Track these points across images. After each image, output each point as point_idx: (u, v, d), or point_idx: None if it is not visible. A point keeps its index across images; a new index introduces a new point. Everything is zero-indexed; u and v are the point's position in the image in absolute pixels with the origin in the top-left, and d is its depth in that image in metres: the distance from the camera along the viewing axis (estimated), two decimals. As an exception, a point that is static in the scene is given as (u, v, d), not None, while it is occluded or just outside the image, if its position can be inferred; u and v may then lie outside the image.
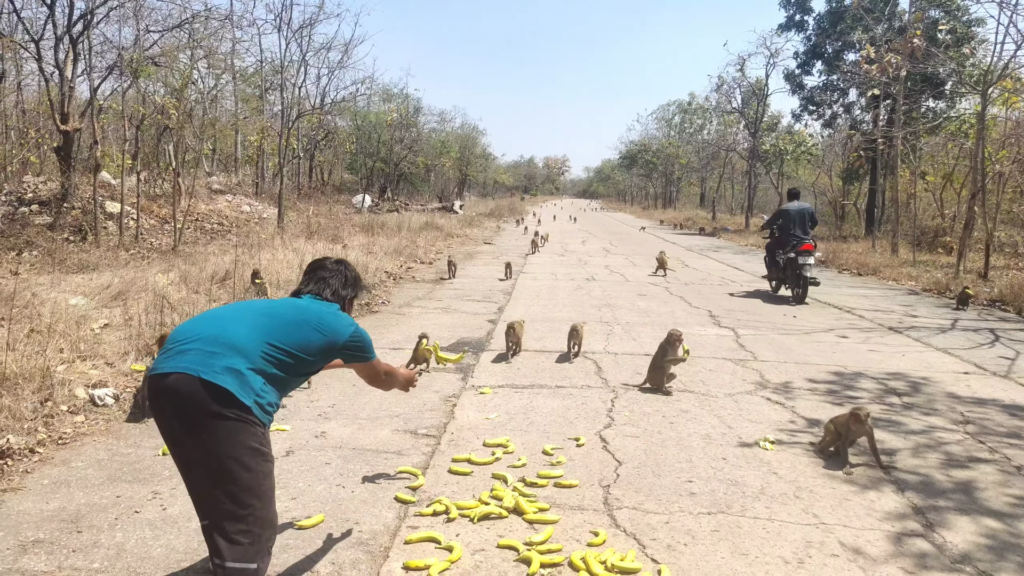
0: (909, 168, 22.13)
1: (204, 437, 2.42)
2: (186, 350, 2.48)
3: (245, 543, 2.39)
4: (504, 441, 4.86)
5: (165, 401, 2.45)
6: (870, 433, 4.60)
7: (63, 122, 16.34)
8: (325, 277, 3.04)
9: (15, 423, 4.77)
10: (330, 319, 2.80)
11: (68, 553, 3.30)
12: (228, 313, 2.70)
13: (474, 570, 3.27)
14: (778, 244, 11.88)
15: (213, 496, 2.44)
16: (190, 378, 2.39)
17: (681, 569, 3.28)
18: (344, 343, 2.79)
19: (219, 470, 2.42)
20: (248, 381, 2.44)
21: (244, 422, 2.41)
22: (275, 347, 2.57)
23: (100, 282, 9.86)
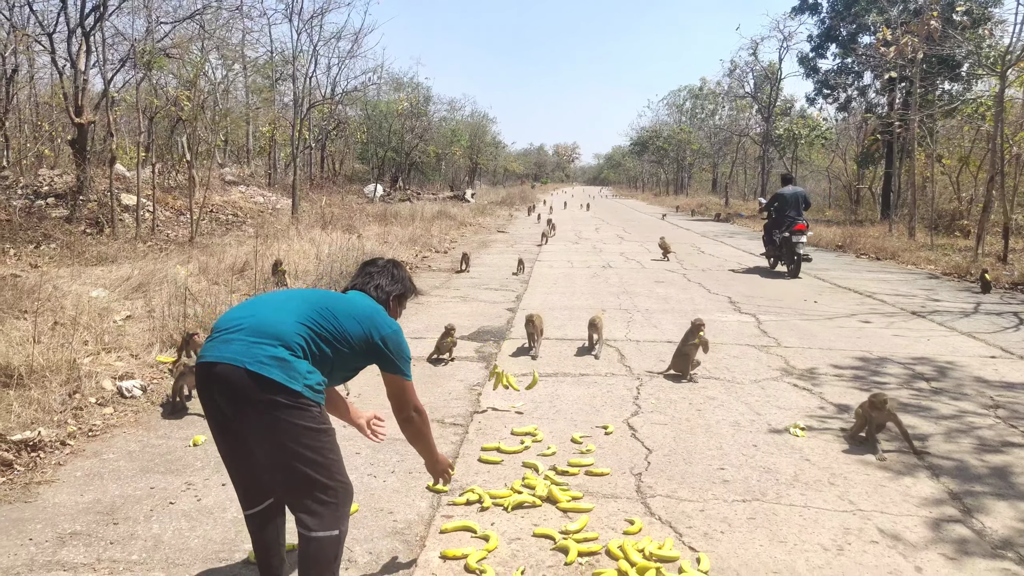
0: (925, 151, 21.90)
1: (261, 426, 2.45)
2: (231, 339, 2.49)
3: (327, 513, 2.48)
4: (532, 429, 4.84)
5: (215, 390, 2.49)
6: (895, 418, 4.56)
7: (77, 115, 16.36)
8: (372, 273, 3.03)
9: (45, 416, 4.80)
10: (370, 312, 2.76)
11: (106, 545, 3.31)
12: (271, 301, 2.70)
13: (511, 559, 3.26)
14: (774, 225, 13.04)
15: (286, 478, 2.51)
16: (236, 369, 2.41)
17: (720, 557, 3.26)
18: (381, 338, 2.71)
19: (285, 455, 2.46)
20: (294, 367, 2.44)
21: (298, 407, 2.42)
22: (316, 334, 2.57)
23: (120, 274, 9.89)
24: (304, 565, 2.51)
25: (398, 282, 3.05)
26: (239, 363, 2.40)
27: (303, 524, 2.48)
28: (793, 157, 32.20)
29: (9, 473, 4.06)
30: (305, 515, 2.47)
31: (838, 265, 14.61)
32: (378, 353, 2.73)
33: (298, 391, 2.42)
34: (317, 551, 2.48)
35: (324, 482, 2.48)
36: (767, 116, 32.91)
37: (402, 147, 39.33)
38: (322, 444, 2.48)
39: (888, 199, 26.32)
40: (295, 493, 2.51)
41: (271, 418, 2.41)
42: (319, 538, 2.47)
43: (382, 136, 39.04)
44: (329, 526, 2.48)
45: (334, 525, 2.49)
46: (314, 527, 2.46)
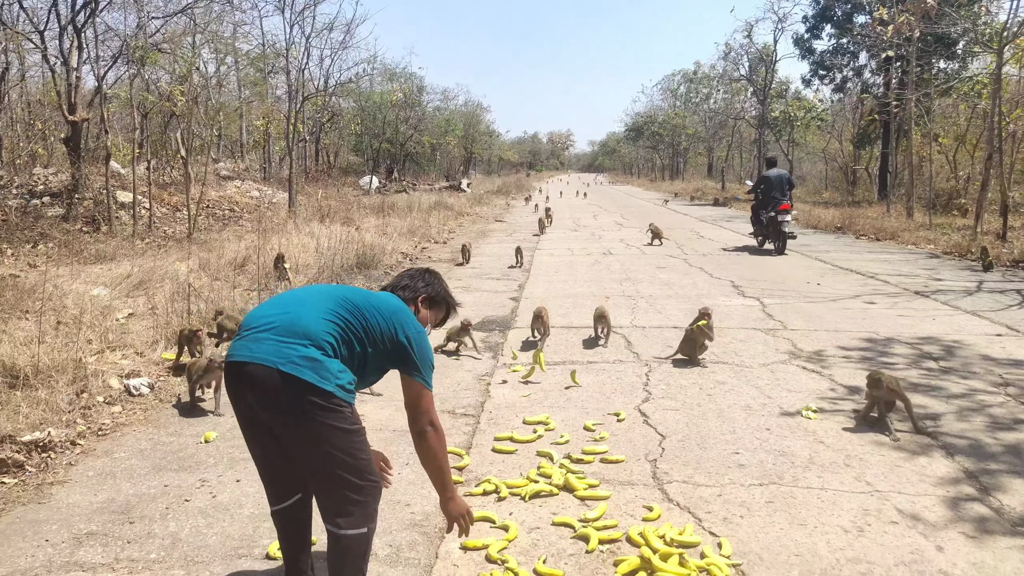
0: (921, 130, 21.86)
1: (294, 427, 2.43)
2: (261, 338, 2.46)
3: (357, 511, 2.47)
4: (544, 418, 4.83)
5: (246, 390, 2.46)
6: (898, 395, 4.55)
7: (70, 112, 16.23)
8: (404, 275, 3.00)
9: (53, 416, 4.77)
10: (395, 309, 2.68)
11: (123, 544, 3.29)
12: (299, 298, 2.65)
13: (532, 548, 3.25)
14: (761, 206, 13.93)
15: (318, 478, 2.51)
16: (268, 369, 2.37)
17: (741, 541, 3.25)
18: (407, 336, 2.62)
19: (317, 456, 2.45)
20: (325, 367, 2.40)
21: (330, 408, 2.39)
22: (345, 331, 2.53)
23: (119, 272, 9.84)
24: (334, 562, 2.50)
25: (429, 285, 2.98)
26: (271, 363, 2.37)
27: (333, 522, 2.46)
28: (789, 139, 32.11)
29: (21, 474, 4.04)
30: (336, 514, 2.46)
31: (838, 246, 14.60)
32: (402, 353, 2.62)
33: (330, 392, 2.38)
34: (347, 548, 2.47)
35: (356, 482, 2.46)
36: (763, 99, 32.79)
37: (397, 138, 39.17)
38: (353, 445, 2.45)
39: (885, 179, 26.28)
40: (326, 492, 2.49)
41: (304, 419, 2.39)
42: (349, 536, 2.46)
43: (376, 127, 38.87)
44: (359, 524, 2.47)
45: (364, 523, 2.48)
46: (345, 525, 2.45)
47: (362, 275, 10.58)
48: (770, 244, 13.84)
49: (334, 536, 2.46)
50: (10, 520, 3.55)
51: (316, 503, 2.60)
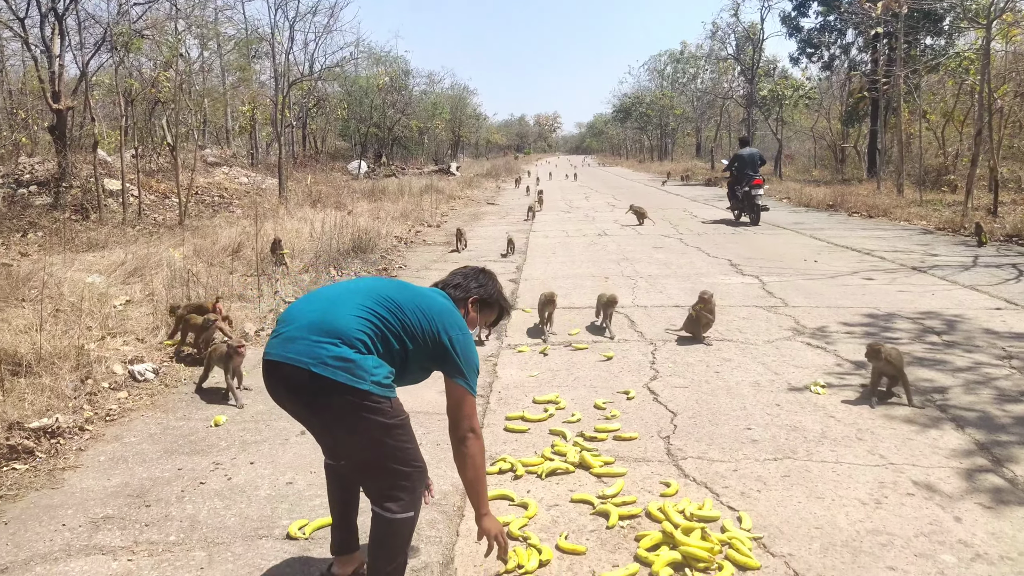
0: (909, 107, 21.90)
1: (333, 426, 2.45)
2: (295, 337, 2.42)
3: (406, 497, 2.46)
4: (554, 397, 4.83)
5: (282, 390, 2.47)
6: (895, 367, 4.57)
7: (55, 100, 16.00)
8: (457, 273, 2.91)
9: (59, 402, 4.73)
10: (439, 308, 2.61)
11: (141, 528, 3.26)
12: (336, 293, 2.60)
13: (552, 525, 3.25)
14: (736, 182, 15.10)
15: (365, 470, 2.53)
16: (301, 371, 2.35)
17: (760, 515, 3.26)
18: (449, 337, 2.55)
19: (362, 451, 2.47)
20: (359, 365, 2.36)
21: (369, 407, 2.37)
22: (380, 328, 2.47)
23: (112, 259, 9.73)
24: (380, 541, 2.48)
25: (483, 286, 2.88)
26: (303, 364, 2.35)
27: (383, 507, 2.45)
28: (778, 118, 32.10)
29: (32, 460, 4.00)
30: (385, 499, 2.45)
31: (832, 224, 14.64)
32: (444, 354, 2.55)
33: (367, 391, 2.35)
34: (396, 531, 2.47)
35: (403, 470, 2.45)
36: (751, 78, 32.75)
37: (384, 122, 38.90)
38: (397, 437, 2.44)
39: (874, 157, 26.35)
40: (374, 481, 2.49)
41: (344, 419, 2.39)
42: (399, 520, 2.45)
43: (363, 112, 38.57)
44: (408, 508, 2.47)
45: (411, 508, 2.48)
46: (396, 510, 2.44)
47: (358, 259, 10.53)
48: (746, 217, 14.95)
49: (384, 519, 2.45)
50: (25, 505, 3.52)
51: (363, 490, 2.60)
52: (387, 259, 11.07)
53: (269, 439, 4.25)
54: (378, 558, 2.48)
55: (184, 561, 2.99)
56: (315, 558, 3.01)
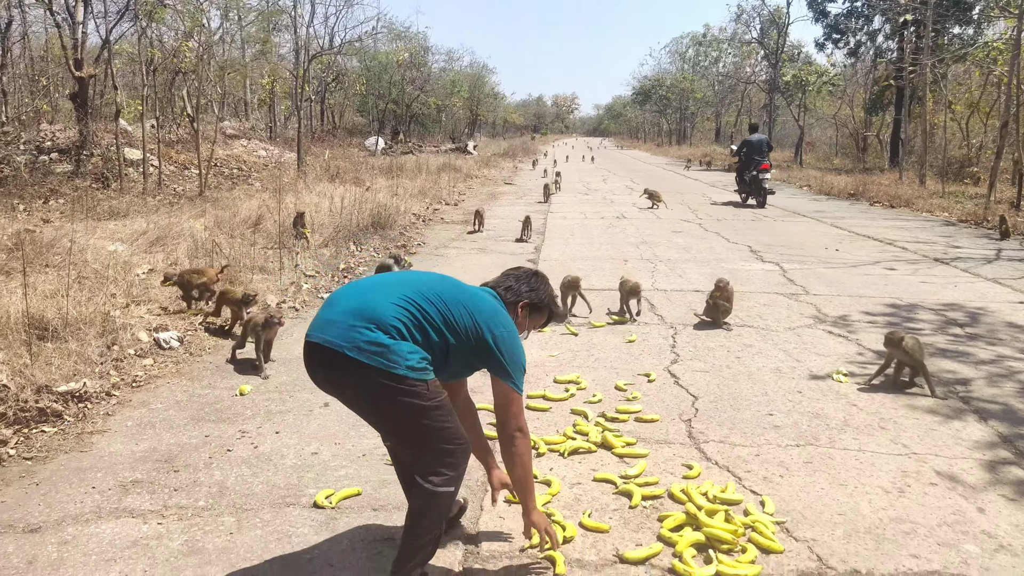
0: (934, 97, 21.60)
1: (371, 408, 2.52)
2: (335, 320, 2.47)
3: (449, 473, 2.50)
4: (575, 377, 4.84)
5: (320, 372, 2.52)
6: (913, 357, 4.57)
7: (77, 68, 16.05)
8: (509, 275, 2.88)
9: (85, 367, 4.78)
10: (486, 306, 2.61)
11: (170, 492, 3.32)
12: (381, 282, 2.63)
13: (575, 503, 3.28)
14: (744, 166, 15.72)
15: (406, 449, 2.61)
16: (337, 354, 2.40)
17: (783, 500, 3.27)
18: (492, 336, 2.54)
19: (401, 432, 2.54)
20: (392, 350, 2.39)
21: (404, 390, 2.39)
22: (419, 318, 2.48)
23: (134, 228, 9.80)
24: (420, 510, 2.51)
25: (534, 291, 2.83)
26: (339, 347, 2.39)
27: (427, 479, 2.47)
28: (801, 104, 31.74)
29: (60, 424, 4.07)
30: (429, 473, 2.48)
31: (853, 213, 14.53)
32: (488, 353, 2.56)
33: (402, 375, 2.38)
34: (436, 504, 2.50)
35: (444, 447, 2.48)
36: (774, 62, 32.37)
37: (402, 99, 38.77)
38: (435, 418, 2.45)
39: (897, 147, 26.07)
40: (417, 458, 2.52)
41: (380, 403, 2.43)
42: (439, 492, 2.48)
43: (382, 88, 38.46)
44: (449, 483, 2.50)
45: (453, 483, 2.52)
46: (439, 484, 2.47)
47: (378, 235, 10.55)
48: (752, 200, 15.63)
49: (426, 490, 2.48)
50: (55, 467, 3.58)
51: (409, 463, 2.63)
52: (406, 236, 11.08)
53: (293, 410, 4.29)
54: (415, 527, 2.52)
55: (213, 526, 3.04)
56: (342, 526, 3.05)
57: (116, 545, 2.90)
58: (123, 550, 2.87)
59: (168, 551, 2.86)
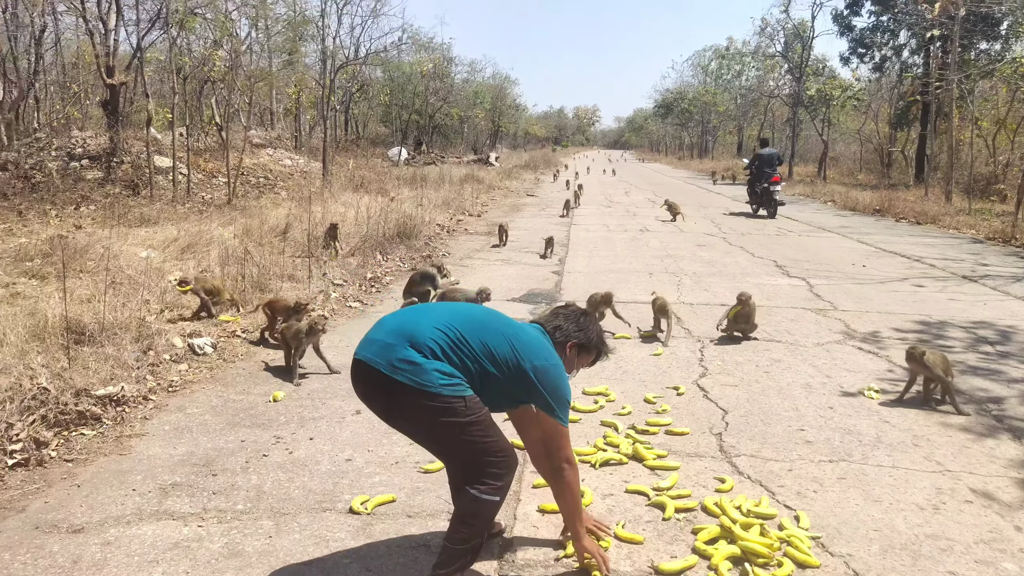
0: (960, 113, 21.42)
1: (410, 425, 2.62)
2: (376, 339, 2.56)
3: (494, 483, 2.55)
4: (604, 389, 4.86)
5: (361, 389, 2.62)
6: (932, 371, 4.57)
7: (108, 76, 16.33)
8: (559, 313, 2.91)
9: (122, 372, 4.87)
10: (529, 340, 2.64)
11: (209, 496, 3.37)
12: (428, 310, 2.77)
13: (608, 514, 3.29)
14: (755, 179, 16.49)
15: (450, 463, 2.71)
16: (373, 371, 2.49)
17: (817, 515, 3.27)
18: (532, 367, 2.55)
19: (439, 446, 2.65)
20: (425, 368, 2.44)
21: (439, 410, 2.45)
22: (455, 344, 2.53)
23: (164, 236, 9.94)
24: (462, 520, 2.57)
25: (582, 330, 2.86)
26: (376, 365, 2.48)
27: (473, 487, 2.52)
28: (825, 119, 31.57)
29: (99, 427, 4.14)
30: (475, 482, 2.53)
31: (879, 229, 14.43)
32: (527, 385, 2.56)
33: (434, 392, 2.44)
34: (480, 511, 2.55)
35: (487, 459, 2.53)
36: (798, 76, 32.25)
37: (426, 109, 39.03)
38: (474, 433, 2.50)
39: (922, 162, 25.85)
40: (462, 471, 2.59)
41: (418, 420, 2.52)
42: (484, 500, 2.53)
43: (405, 98, 38.74)
44: (495, 493, 2.54)
45: (499, 493, 2.56)
46: (484, 492, 2.52)
47: (403, 245, 10.63)
48: (763, 211, 16.35)
49: (471, 496, 2.53)
50: (95, 469, 3.65)
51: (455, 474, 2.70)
52: (430, 246, 11.16)
53: (326, 416, 4.35)
54: (457, 532, 2.56)
55: (252, 529, 3.09)
56: (378, 532, 3.08)
57: (158, 547, 2.96)
58: (165, 552, 2.92)
59: (209, 553, 2.91)
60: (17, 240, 10.24)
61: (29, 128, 20.73)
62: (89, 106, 25.06)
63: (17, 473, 3.61)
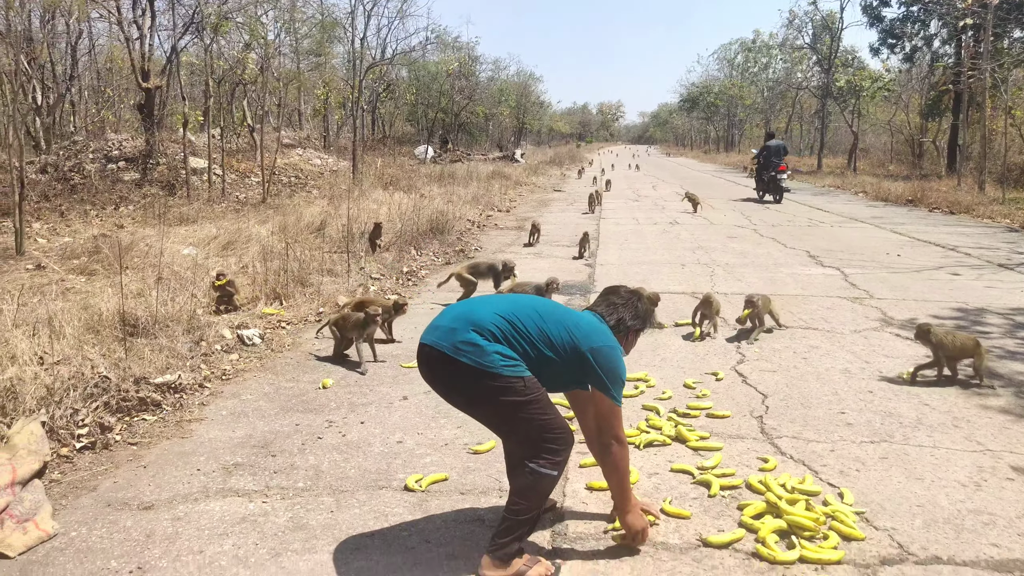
0: (993, 102, 21.11)
1: (471, 404, 2.75)
2: (440, 325, 2.72)
3: (552, 458, 2.67)
4: (643, 375, 4.95)
5: (426, 371, 2.78)
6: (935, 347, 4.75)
7: (144, 79, 16.68)
8: (616, 304, 2.98)
9: (176, 361, 5.05)
10: (587, 325, 2.76)
11: (270, 475, 3.52)
12: (489, 299, 2.89)
13: (655, 491, 3.39)
14: (763, 168, 18.05)
15: (510, 440, 2.80)
16: (439, 353, 2.64)
17: (861, 492, 3.33)
18: (590, 349, 2.67)
19: (500, 423, 2.76)
20: (486, 350, 2.59)
21: (499, 389, 2.59)
22: (514, 329, 2.67)
23: (204, 234, 10.17)
24: (521, 493, 2.68)
25: (639, 317, 2.98)
26: (441, 348, 2.63)
27: (533, 461, 2.64)
28: (855, 110, 31.25)
29: (159, 412, 4.32)
30: (533, 457, 2.65)
31: (912, 219, 14.32)
32: (585, 367, 2.69)
33: (495, 372, 2.57)
34: (538, 485, 2.67)
35: (545, 436, 2.65)
36: (827, 68, 31.95)
37: (451, 108, 39.22)
38: (532, 411, 2.63)
39: (955, 152, 25.49)
40: (521, 448, 2.70)
41: (480, 399, 2.66)
42: (543, 474, 2.65)
43: (431, 97, 38.96)
44: (554, 467, 2.67)
45: (557, 467, 2.68)
46: (543, 466, 2.64)
47: (436, 240, 10.77)
48: (769, 197, 17.93)
49: (530, 469, 2.64)
50: (159, 451, 3.82)
51: (515, 450, 2.79)
52: (463, 241, 11.29)
53: (375, 402, 4.49)
54: (517, 505, 2.68)
55: (315, 505, 3.23)
56: (433, 507, 3.21)
57: (226, 521, 3.11)
58: (233, 525, 3.07)
59: (275, 526, 3.06)
60: (62, 239, 10.57)
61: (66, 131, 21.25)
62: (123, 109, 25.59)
63: (85, 456, 3.79)
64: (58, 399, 4.10)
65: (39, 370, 4.54)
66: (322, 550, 2.89)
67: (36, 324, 5.35)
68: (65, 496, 3.36)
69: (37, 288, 6.96)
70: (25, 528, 3.04)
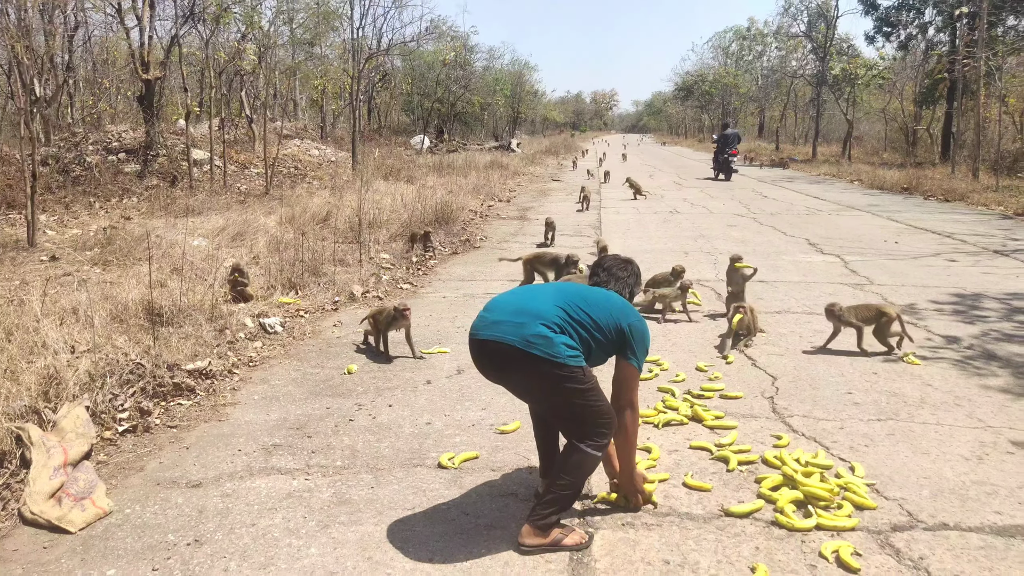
0: (987, 90, 21.32)
1: (536, 392, 2.96)
2: (500, 320, 2.89)
3: (599, 440, 2.91)
4: (656, 359, 5.13)
5: (488, 364, 2.96)
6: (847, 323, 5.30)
7: (144, 71, 16.71)
8: (623, 278, 3.29)
9: (204, 349, 5.21)
10: (620, 304, 3.06)
11: (309, 454, 3.70)
12: (533, 291, 3.08)
13: (676, 467, 3.57)
14: (719, 151, 21.79)
15: (565, 423, 2.98)
16: (507, 347, 2.81)
17: (870, 466, 3.53)
18: (628, 325, 2.97)
19: (562, 410, 2.93)
20: (554, 342, 2.80)
21: (563, 377, 2.80)
22: (571, 319, 2.89)
23: (212, 225, 10.29)
24: (567, 469, 2.91)
25: (639, 284, 3.40)
26: (509, 342, 2.81)
27: (582, 442, 2.87)
28: (849, 99, 31.42)
29: (194, 397, 4.49)
30: (582, 438, 2.88)
31: (908, 207, 14.52)
32: (623, 339, 2.97)
33: (562, 362, 2.78)
34: (584, 463, 2.91)
35: (596, 419, 2.89)
36: (822, 56, 32.10)
37: (447, 98, 39.25)
38: (589, 398, 2.86)
39: (948, 140, 25.71)
40: (573, 429, 2.92)
41: (545, 386, 2.85)
42: (590, 455, 2.89)
43: (427, 87, 38.97)
44: (600, 449, 2.91)
45: (603, 449, 2.92)
46: (590, 448, 2.88)
47: (441, 230, 10.91)
48: (722, 175, 21.70)
49: (579, 449, 2.87)
50: (199, 434, 3.99)
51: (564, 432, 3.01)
52: (467, 230, 11.45)
53: (400, 386, 4.66)
54: (562, 479, 2.90)
55: (355, 481, 3.41)
56: (467, 483, 3.39)
57: (273, 496, 3.28)
58: (281, 500, 3.25)
59: (320, 501, 3.23)
60: (71, 231, 10.69)
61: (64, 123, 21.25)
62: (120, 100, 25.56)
63: (128, 439, 3.96)
64: (100, 384, 4.26)
65: (71, 358, 4.70)
66: (367, 522, 3.07)
67: (63, 314, 5.51)
68: (114, 476, 3.53)
69: (55, 279, 7.10)
70: (83, 506, 3.21)
